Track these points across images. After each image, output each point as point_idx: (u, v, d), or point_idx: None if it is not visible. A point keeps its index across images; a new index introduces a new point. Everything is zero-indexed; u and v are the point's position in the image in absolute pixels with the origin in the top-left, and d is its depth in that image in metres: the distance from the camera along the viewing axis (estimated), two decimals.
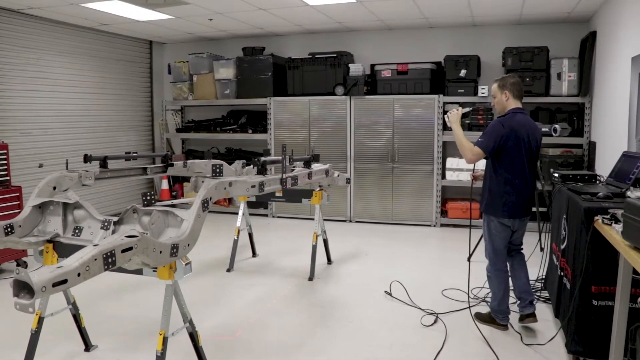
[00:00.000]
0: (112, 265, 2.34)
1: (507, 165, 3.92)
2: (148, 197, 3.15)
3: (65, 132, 7.94)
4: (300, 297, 5.03)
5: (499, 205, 3.98)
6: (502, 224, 4.04)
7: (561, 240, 4.14)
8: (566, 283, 3.84)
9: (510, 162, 3.91)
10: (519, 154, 3.91)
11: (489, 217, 4.08)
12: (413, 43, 8.51)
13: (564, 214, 4.05)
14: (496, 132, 3.89)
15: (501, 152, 3.91)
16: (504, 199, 3.96)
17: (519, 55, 7.40)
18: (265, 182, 3.87)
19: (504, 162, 3.93)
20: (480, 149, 3.91)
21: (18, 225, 3.15)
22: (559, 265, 4.16)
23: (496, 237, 4.08)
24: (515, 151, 3.90)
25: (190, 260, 2.96)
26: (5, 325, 4.31)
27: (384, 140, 8.08)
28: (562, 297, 3.98)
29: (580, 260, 3.39)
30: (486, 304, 4.61)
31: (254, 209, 8.59)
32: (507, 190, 3.94)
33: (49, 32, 7.61)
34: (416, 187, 7.99)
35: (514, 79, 4.08)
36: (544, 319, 4.31)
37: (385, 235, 7.53)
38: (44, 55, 7.56)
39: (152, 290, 4.94)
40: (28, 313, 2.02)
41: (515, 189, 3.94)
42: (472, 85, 7.63)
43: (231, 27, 8.31)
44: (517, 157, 3.91)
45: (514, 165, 3.91)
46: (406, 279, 5.30)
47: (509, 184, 3.94)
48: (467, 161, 4.01)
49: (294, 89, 8.51)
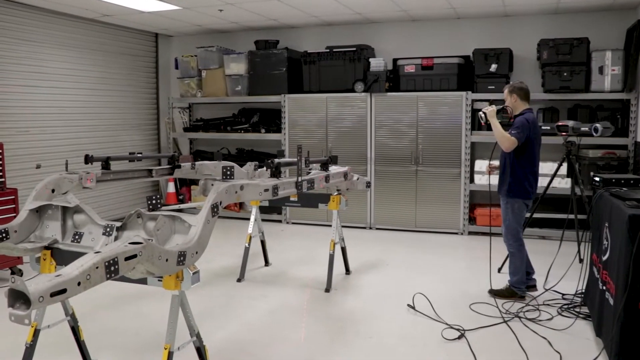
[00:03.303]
0: (115, 274, 2.33)
1: (529, 155, 5.02)
2: (153, 201, 3.14)
3: (65, 130, 8.01)
4: (316, 310, 5.01)
5: (524, 188, 5.03)
6: (525, 204, 5.12)
7: (603, 251, 4.08)
8: (609, 298, 3.78)
9: (531, 151, 5.03)
10: (537, 144, 5.10)
11: (513, 199, 5.07)
12: (439, 35, 8.46)
13: (606, 222, 3.99)
14: (525, 126, 4.94)
15: (527, 143, 4.97)
16: (526, 183, 5.03)
17: (556, 48, 7.31)
18: (279, 186, 3.86)
19: (527, 151, 5.00)
20: (517, 140, 4.89)
21: (13, 231, 3.16)
22: (601, 279, 4.09)
23: (518, 216, 5.12)
24: (534, 142, 5.04)
25: (199, 269, 2.95)
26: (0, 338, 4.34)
27: (407, 140, 8.04)
28: (604, 314, 3.91)
29: (625, 274, 3.32)
30: (519, 320, 4.57)
31: (266, 214, 8.60)
32: (528, 175, 5.03)
33: (47, 23, 7.68)
34: (442, 192, 7.94)
35: (520, 84, 5.26)
36: (584, 337, 4.25)
37: (408, 243, 7.49)
38: (42, 49, 7.63)
39: (157, 301, 4.94)
40: (24, 325, 2.02)
41: (534, 175, 5.08)
42: (504, 81, 7.53)
43: (243, 18, 8.33)
44: (536, 147, 5.09)
45: (534, 154, 5.06)
46: (430, 291, 5.26)
47: (530, 170, 5.04)
48: (505, 149, 5.01)
49: (310, 86, 8.50)
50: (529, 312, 4.78)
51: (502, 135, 4.98)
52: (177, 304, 3.03)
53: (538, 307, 4.90)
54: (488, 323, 4.59)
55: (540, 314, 4.76)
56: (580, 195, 6.20)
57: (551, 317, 4.66)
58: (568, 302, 4.95)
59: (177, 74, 9.66)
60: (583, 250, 5.04)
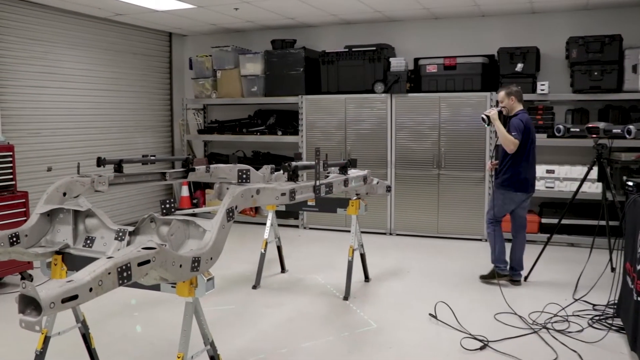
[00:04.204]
0: (128, 280, 2.34)
1: (524, 152, 5.61)
2: (167, 205, 3.16)
3: (77, 132, 8.09)
4: (334, 319, 4.99)
5: (517, 183, 5.66)
6: (516, 197, 5.73)
7: (637, 259, 4.01)
8: None
9: (525, 149, 5.61)
10: (531, 143, 5.69)
11: (506, 191, 5.72)
12: (462, 34, 8.42)
13: None
14: (520, 126, 5.57)
15: (522, 142, 5.55)
16: (521, 178, 5.65)
17: (586, 46, 7.23)
18: (297, 190, 3.85)
19: (522, 149, 5.58)
20: (517, 141, 5.51)
21: (24, 235, 3.19)
22: (635, 289, 4.02)
23: (503, 207, 5.83)
24: (529, 141, 5.65)
25: (213, 276, 2.96)
26: (8, 345, 4.38)
27: (429, 143, 8.01)
28: None
29: None
30: (547, 331, 4.53)
31: (283, 219, 8.59)
32: (522, 171, 5.65)
33: (58, 22, 7.76)
34: (465, 197, 7.88)
35: (516, 87, 5.90)
36: (617, 351, 4.18)
37: (430, 250, 7.45)
38: (53, 49, 7.71)
39: (170, 308, 4.95)
40: (34, 331, 2.03)
41: (528, 171, 5.69)
42: (530, 81, 7.50)
43: (259, 17, 8.36)
44: (530, 145, 5.67)
45: (529, 152, 5.66)
46: (453, 299, 5.21)
47: (524, 167, 5.65)
48: (510, 151, 5.57)
49: (328, 86, 8.51)
50: (557, 324, 4.71)
51: (506, 138, 5.56)
52: (191, 312, 3.04)
53: (567, 318, 4.83)
54: (514, 334, 4.54)
55: (569, 325, 4.68)
56: (612, 201, 6.11)
57: (581, 328, 4.59)
58: (600, 314, 4.87)
59: (191, 75, 9.72)
60: (615, 259, 4.96)
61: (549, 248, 6.08)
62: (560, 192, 7.43)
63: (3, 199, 5.71)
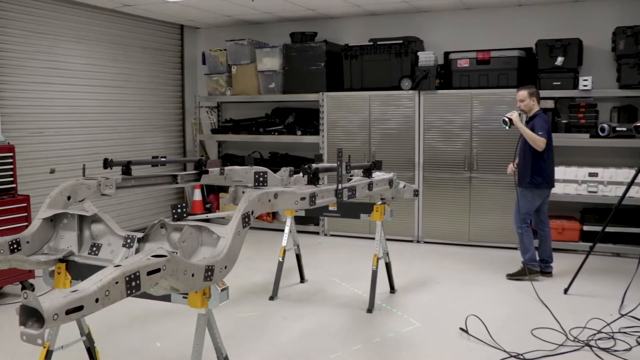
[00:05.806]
0: (136, 290, 2.34)
1: (547, 151, 6.16)
2: (178, 210, 3.16)
3: (82, 132, 8.15)
4: (356, 332, 4.98)
5: (543, 180, 6.22)
6: (541, 194, 6.33)
7: None
8: None
9: (548, 148, 6.18)
10: (552, 142, 6.27)
11: (535, 188, 6.24)
12: (497, 25, 8.38)
13: None
14: (545, 127, 6.12)
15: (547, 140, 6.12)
16: (547, 174, 6.23)
17: (635, 37, 7.15)
18: (317, 194, 3.84)
19: (546, 148, 6.11)
20: (546, 140, 6.07)
21: (25, 241, 3.20)
22: None
23: (533, 203, 6.35)
24: (551, 140, 6.23)
25: (228, 286, 2.95)
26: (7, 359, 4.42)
27: (459, 144, 7.97)
28: None
29: None
30: (590, 349, 4.47)
31: (302, 225, 8.62)
32: (547, 167, 6.23)
33: (62, 14, 7.81)
34: (499, 202, 7.82)
35: (535, 87, 6.43)
36: None
37: (460, 259, 7.43)
38: (57, 42, 7.77)
39: (181, 320, 4.98)
40: (36, 345, 2.04)
41: (551, 166, 6.31)
42: (572, 75, 7.44)
43: (277, 8, 8.39)
44: (551, 145, 6.26)
45: (550, 150, 6.24)
46: (486, 313, 5.17)
47: (549, 163, 6.25)
48: (539, 149, 6.08)
49: (351, 83, 8.51)
50: (602, 341, 4.64)
51: (535, 138, 6.07)
52: (204, 324, 3.04)
53: (613, 335, 4.76)
54: (552, 351, 4.48)
55: (615, 343, 4.61)
56: None
57: (630, 347, 4.51)
58: None
59: (204, 70, 9.76)
60: None
61: (592, 258, 5.99)
62: (604, 197, 7.34)
63: (3, 203, 5.75)
